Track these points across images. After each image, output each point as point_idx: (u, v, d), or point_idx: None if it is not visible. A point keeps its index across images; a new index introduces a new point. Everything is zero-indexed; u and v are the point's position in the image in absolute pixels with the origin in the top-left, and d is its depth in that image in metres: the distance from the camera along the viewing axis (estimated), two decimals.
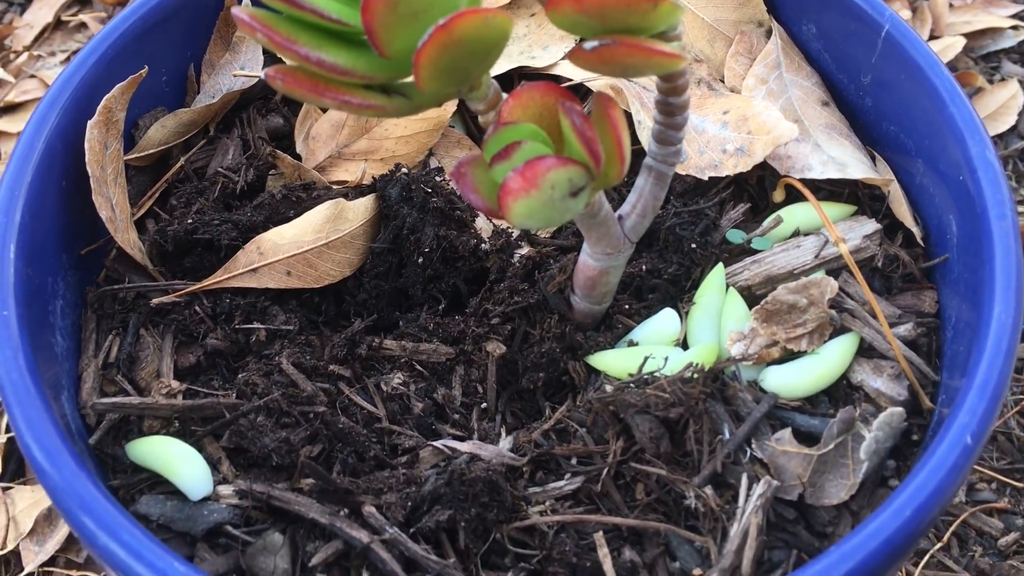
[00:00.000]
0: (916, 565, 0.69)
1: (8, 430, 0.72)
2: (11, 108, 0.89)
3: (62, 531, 0.68)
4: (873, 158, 0.47)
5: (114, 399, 0.40)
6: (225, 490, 0.39)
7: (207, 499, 0.39)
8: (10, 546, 0.68)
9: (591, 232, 0.40)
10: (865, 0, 0.45)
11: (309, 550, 0.37)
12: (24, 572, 0.67)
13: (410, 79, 0.32)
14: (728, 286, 0.43)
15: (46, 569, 0.68)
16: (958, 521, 0.64)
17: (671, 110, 0.38)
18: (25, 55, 0.94)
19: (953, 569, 0.64)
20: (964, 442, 0.33)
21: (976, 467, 0.67)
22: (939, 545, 0.68)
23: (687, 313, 0.43)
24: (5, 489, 0.70)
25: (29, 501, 0.69)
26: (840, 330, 0.41)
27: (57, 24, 0.98)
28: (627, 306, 0.44)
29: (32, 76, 0.93)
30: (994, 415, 0.34)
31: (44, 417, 0.35)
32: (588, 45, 0.32)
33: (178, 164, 0.47)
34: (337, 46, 0.31)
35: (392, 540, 0.36)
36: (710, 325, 0.42)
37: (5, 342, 0.36)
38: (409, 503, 0.37)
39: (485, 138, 0.34)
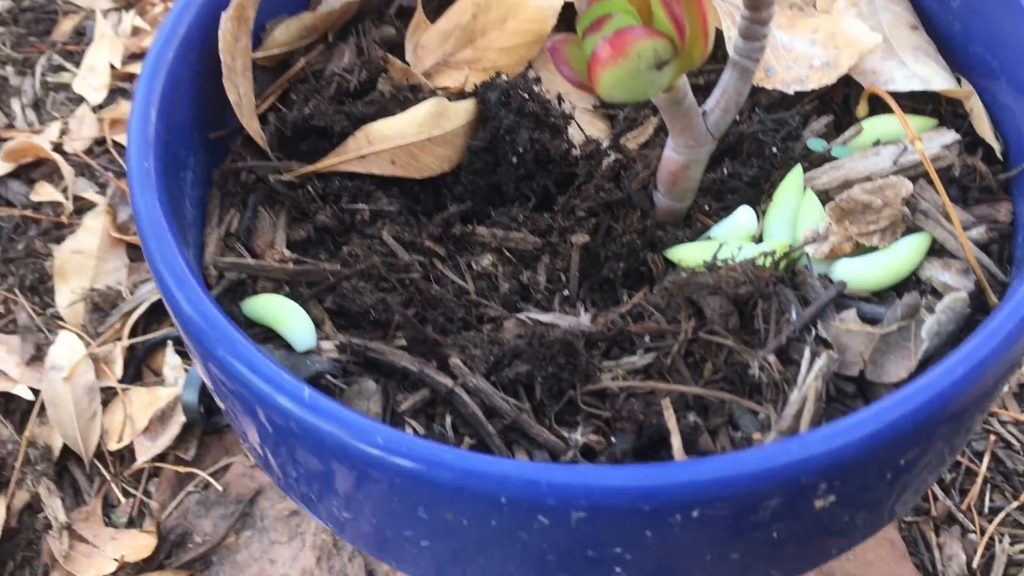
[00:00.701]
0: (991, 523, 0.69)
1: (131, 335, 0.78)
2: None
3: (173, 430, 0.73)
4: (959, 81, 0.48)
5: (234, 259, 0.44)
6: (327, 345, 0.43)
7: (310, 352, 0.42)
8: (125, 441, 0.74)
9: (675, 121, 0.42)
10: None
11: (399, 399, 0.41)
12: (136, 464, 0.72)
13: None
14: (806, 188, 0.45)
15: (156, 464, 0.73)
16: None
17: (757, 4, 0.40)
18: (161, 6, 1.01)
19: None
20: (1020, 313, 0.34)
21: None
22: (1015, 504, 0.68)
23: (764, 212, 0.45)
24: (124, 390, 0.76)
25: (145, 401, 0.75)
26: (912, 230, 0.43)
27: None
28: (707, 206, 0.46)
29: None
30: None
31: (181, 261, 0.39)
32: None
33: (299, 65, 0.51)
34: None
35: (474, 387, 0.39)
36: (786, 223, 0.44)
37: (148, 189, 0.40)
38: (491, 357, 0.40)
39: (579, 13, 0.37)
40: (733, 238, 0.44)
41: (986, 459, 0.71)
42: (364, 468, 0.34)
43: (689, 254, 0.44)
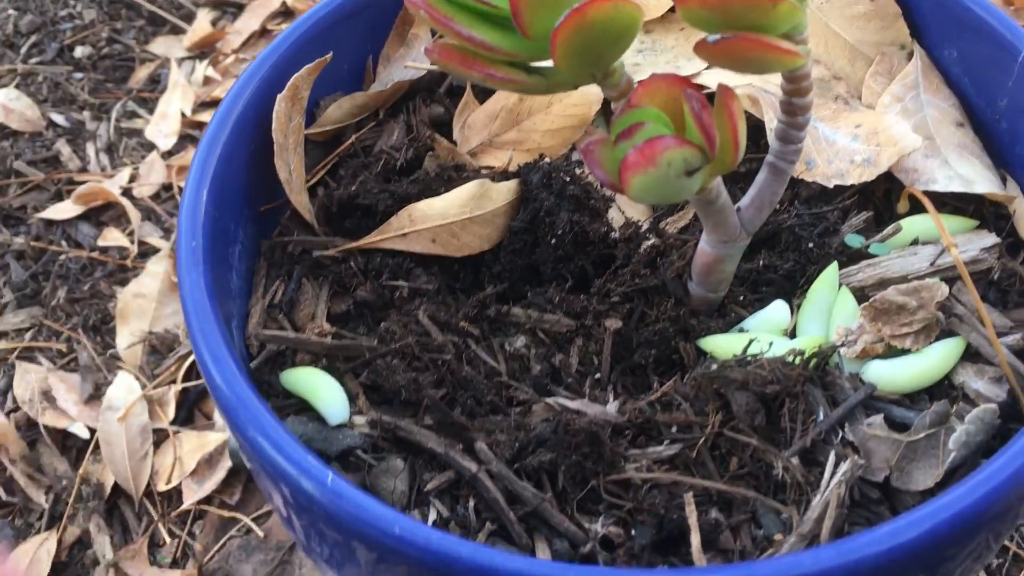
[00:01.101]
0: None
1: (184, 379, 0.80)
2: (217, 102, 1.00)
3: (219, 474, 0.75)
4: (1004, 180, 0.48)
5: (275, 332, 0.46)
6: (359, 420, 0.44)
7: (343, 426, 0.44)
8: (174, 482, 0.76)
9: (709, 219, 0.43)
10: (1004, 26, 0.47)
11: (425, 478, 0.42)
12: (183, 506, 0.75)
13: (549, 62, 0.37)
14: (841, 285, 0.45)
15: (202, 507, 0.75)
16: None
17: (793, 110, 0.40)
18: (232, 57, 1.05)
19: None
20: None
21: None
22: None
23: (798, 307, 0.45)
24: (175, 432, 0.78)
25: (195, 444, 0.77)
26: (947, 334, 0.43)
27: (262, 32, 1.09)
28: (741, 297, 0.47)
29: (236, 76, 1.04)
30: None
31: (220, 340, 0.41)
32: (711, 38, 0.36)
33: (349, 141, 0.53)
34: (486, 26, 0.35)
35: (498, 472, 0.40)
36: (819, 319, 0.44)
37: (193, 267, 0.42)
38: (516, 443, 0.41)
39: (612, 119, 0.38)
40: (765, 332, 0.45)
41: None
42: (382, 552, 0.35)
43: (720, 345, 0.44)
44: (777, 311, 0.45)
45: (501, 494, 0.40)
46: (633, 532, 0.39)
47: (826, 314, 0.45)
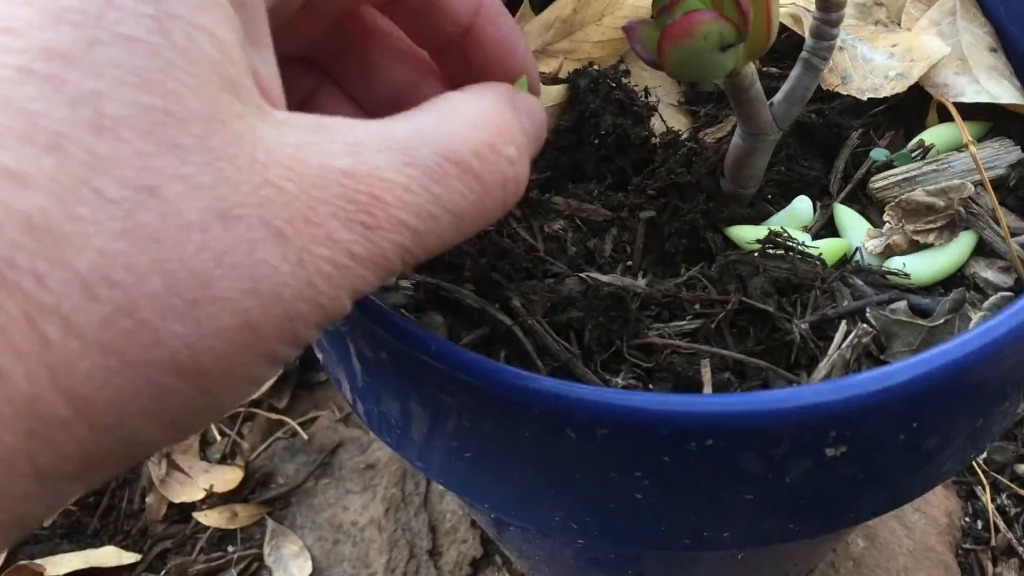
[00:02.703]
0: None
1: None
2: None
3: (269, 379, 0.80)
4: None
5: None
6: (404, 283, 0.47)
7: (388, 288, 0.47)
8: None
9: (742, 109, 0.45)
10: None
11: (462, 334, 0.45)
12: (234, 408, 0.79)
13: None
14: (867, 193, 0.48)
15: (252, 409, 0.80)
16: None
17: (828, 6, 0.43)
18: None
19: None
20: None
21: None
22: None
23: (824, 209, 0.48)
24: None
25: None
26: (963, 229, 0.45)
27: None
28: (770, 195, 0.49)
29: None
30: None
31: None
32: None
33: None
34: None
35: (530, 327, 0.43)
36: (844, 224, 0.47)
37: None
38: (548, 303, 0.44)
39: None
40: (790, 225, 0.47)
41: None
42: (417, 370, 0.39)
43: (747, 234, 0.47)
44: (800, 206, 0.48)
45: (532, 347, 0.43)
46: (650, 386, 0.42)
47: (851, 219, 0.47)
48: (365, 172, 0.24)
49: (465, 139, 0.26)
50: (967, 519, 0.71)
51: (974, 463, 0.73)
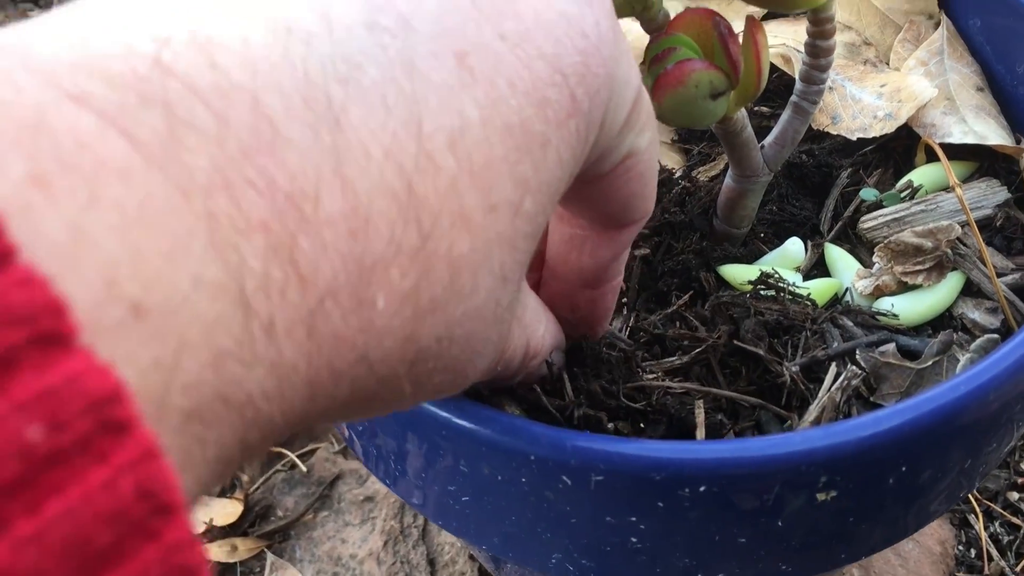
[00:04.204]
0: None
1: None
2: None
3: None
4: (1019, 141, 0.51)
5: None
6: None
7: None
8: None
9: (734, 152, 0.46)
10: None
11: None
12: None
13: None
14: (857, 234, 0.48)
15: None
16: None
17: (817, 52, 0.44)
18: None
19: None
20: None
21: None
22: None
23: (816, 248, 0.49)
24: None
25: None
26: (951, 270, 0.46)
27: None
28: (763, 234, 0.50)
29: None
30: None
31: None
32: None
33: None
34: None
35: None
36: (835, 264, 0.48)
37: None
38: None
39: (647, 46, 0.42)
40: (781, 266, 0.48)
41: None
42: (414, 414, 0.39)
43: (738, 273, 0.48)
44: (792, 247, 0.48)
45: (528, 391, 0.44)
46: (642, 426, 0.43)
47: (842, 260, 0.48)
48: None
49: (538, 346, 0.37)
50: (961, 547, 0.71)
51: None
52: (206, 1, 0.21)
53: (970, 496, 0.74)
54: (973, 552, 0.71)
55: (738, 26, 0.57)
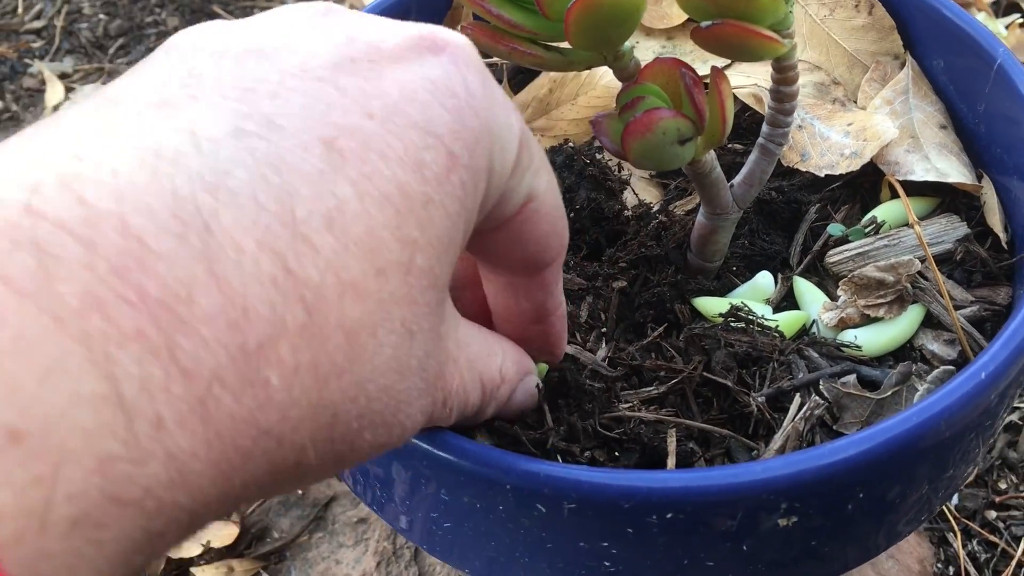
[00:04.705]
0: None
1: None
2: None
3: None
4: (980, 178, 0.53)
5: None
6: None
7: None
8: None
9: (704, 192, 0.49)
10: (982, 37, 0.52)
11: None
12: None
13: (565, 44, 0.43)
14: (823, 268, 0.51)
15: None
16: None
17: (781, 97, 0.46)
18: None
19: None
20: (979, 377, 0.39)
21: None
22: None
23: (786, 282, 0.51)
24: None
25: None
26: (912, 303, 0.48)
27: None
28: (735, 268, 0.52)
29: None
30: (1015, 363, 0.40)
31: None
32: (704, 24, 0.42)
33: None
34: (513, 7, 0.42)
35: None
36: (802, 297, 0.50)
37: None
38: None
39: (618, 94, 0.44)
40: (752, 299, 0.50)
41: (1023, 544, 0.73)
42: (393, 455, 0.41)
43: (711, 306, 0.50)
44: (763, 280, 0.50)
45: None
46: (617, 454, 0.45)
47: (809, 292, 0.50)
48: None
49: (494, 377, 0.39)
50: (939, 565, 0.73)
51: (945, 509, 0.75)
52: (79, 141, 0.23)
53: (948, 514, 0.76)
54: (951, 570, 0.73)
55: (709, 66, 0.60)
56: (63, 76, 1.15)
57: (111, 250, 0.22)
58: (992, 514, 0.76)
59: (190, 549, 0.77)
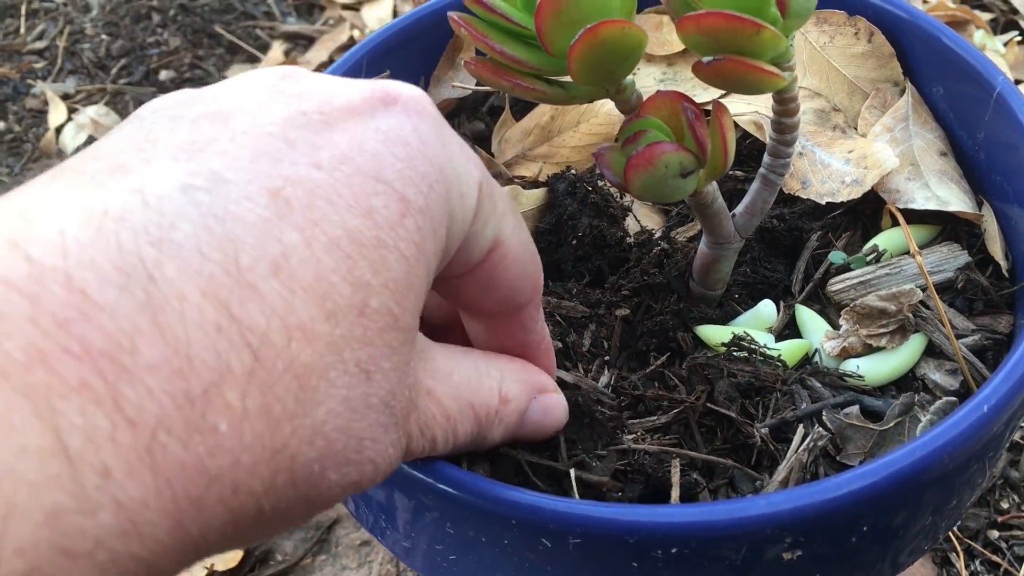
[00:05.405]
0: None
1: None
2: None
3: None
4: (980, 205, 0.53)
5: None
6: None
7: None
8: None
9: (706, 222, 0.49)
10: (981, 65, 0.52)
11: None
12: None
13: (568, 77, 0.43)
14: (825, 296, 0.51)
15: None
16: None
17: (782, 129, 0.47)
18: None
19: None
20: (981, 410, 0.39)
21: None
22: None
23: (789, 311, 0.51)
24: None
25: None
26: (914, 332, 0.48)
27: (330, 63, 1.18)
28: (737, 295, 0.52)
29: None
30: (1017, 395, 0.40)
31: None
32: (705, 60, 0.42)
33: None
34: (516, 43, 0.42)
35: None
36: (805, 326, 0.50)
37: None
38: None
39: (620, 127, 0.45)
40: (754, 327, 0.50)
41: None
42: (401, 480, 0.41)
43: (713, 334, 0.50)
44: (765, 308, 0.51)
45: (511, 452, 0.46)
46: (621, 485, 0.45)
47: (812, 321, 0.50)
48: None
49: (490, 402, 0.39)
50: None
51: None
52: (31, 206, 0.24)
53: (951, 535, 0.76)
54: None
55: (709, 93, 0.60)
56: (65, 97, 1.15)
57: (55, 304, 0.22)
58: (994, 534, 0.76)
59: (194, 571, 0.77)
